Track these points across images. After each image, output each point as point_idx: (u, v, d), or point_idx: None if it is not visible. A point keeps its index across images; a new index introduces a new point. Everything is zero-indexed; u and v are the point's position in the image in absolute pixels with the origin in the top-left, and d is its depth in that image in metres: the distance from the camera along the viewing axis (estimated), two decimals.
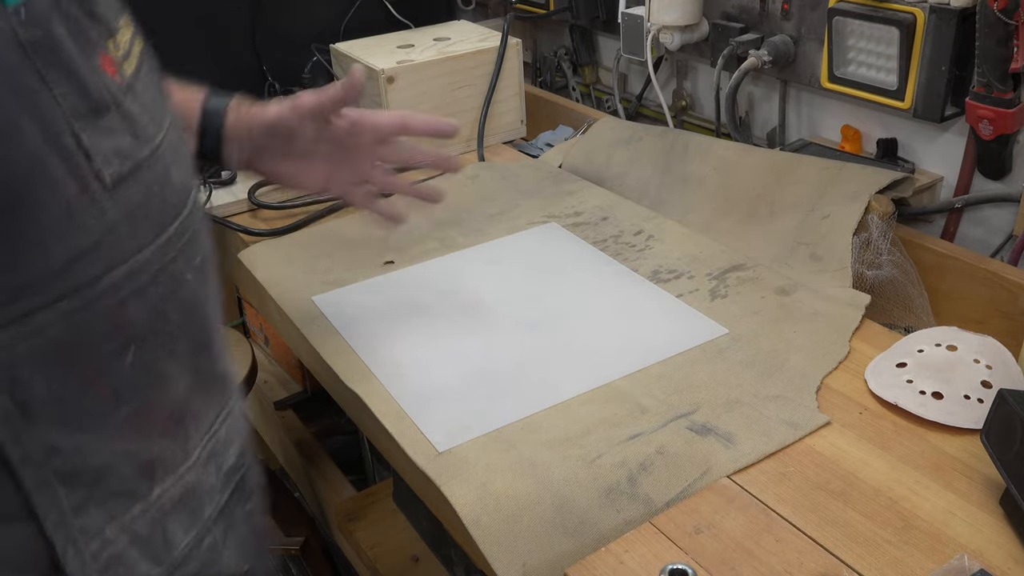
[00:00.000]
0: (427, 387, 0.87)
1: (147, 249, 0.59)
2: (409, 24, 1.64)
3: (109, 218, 0.55)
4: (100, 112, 0.54)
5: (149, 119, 0.60)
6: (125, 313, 0.58)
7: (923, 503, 0.71)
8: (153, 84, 0.64)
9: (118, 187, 0.55)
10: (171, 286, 0.61)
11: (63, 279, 0.54)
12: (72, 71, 0.53)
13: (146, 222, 0.59)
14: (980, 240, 1.12)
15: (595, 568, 0.67)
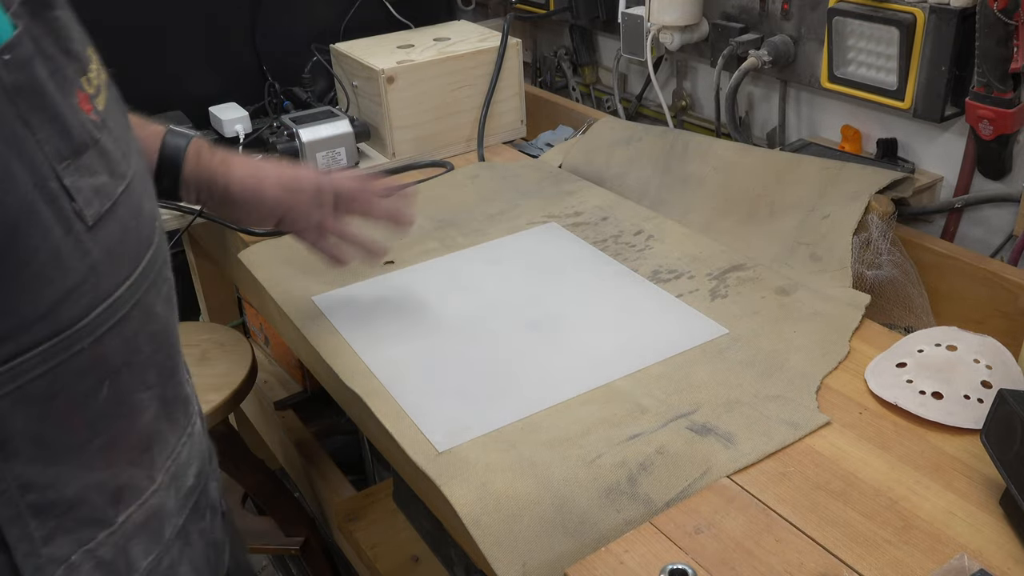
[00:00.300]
0: (427, 387, 0.87)
1: (124, 284, 0.58)
2: (409, 24, 1.64)
3: (92, 258, 0.55)
4: (80, 152, 0.53)
5: (121, 153, 0.59)
6: (102, 349, 0.57)
7: (923, 503, 0.71)
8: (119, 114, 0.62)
9: (98, 225, 0.55)
10: (143, 319, 0.61)
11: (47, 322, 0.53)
12: (55, 114, 0.52)
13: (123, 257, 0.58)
14: (980, 240, 1.12)
15: (595, 568, 0.67)
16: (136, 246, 0.60)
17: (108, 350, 0.58)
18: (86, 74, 0.56)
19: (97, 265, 0.55)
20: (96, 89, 0.57)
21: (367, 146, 1.43)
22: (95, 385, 0.58)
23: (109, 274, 0.57)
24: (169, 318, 0.66)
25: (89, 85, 0.56)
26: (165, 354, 0.66)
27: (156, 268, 0.63)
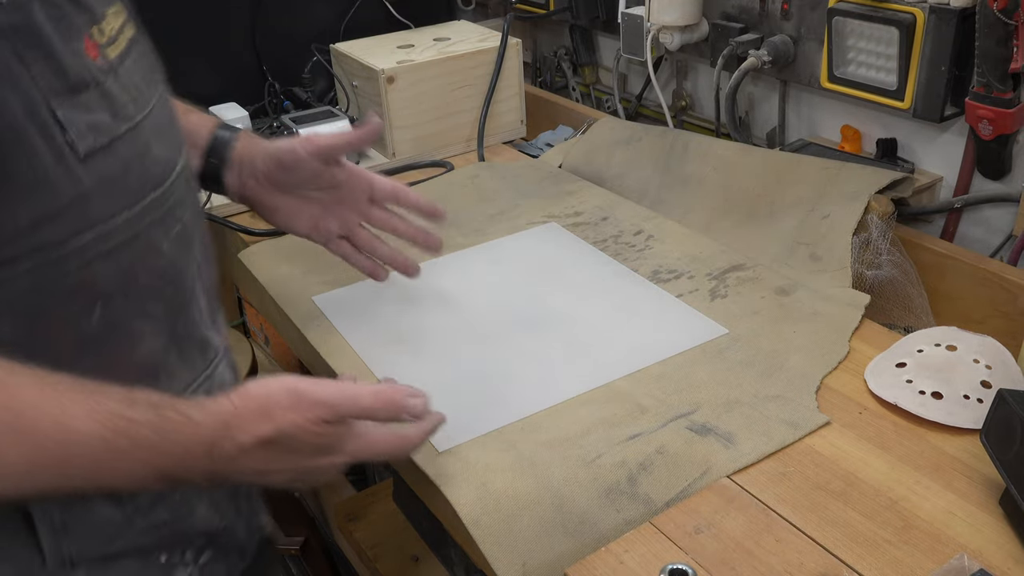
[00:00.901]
0: (427, 387, 0.87)
1: (119, 216, 0.62)
2: (409, 24, 1.64)
3: (83, 186, 0.59)
4: (78, 90, 0.59)
5: (130, 99, 0.64)
6: (92, 273, 0.61)
7: (923, 503, 0.71)
8: (142, 67, 0.68)
9: (92, 158, 0.59)
10: (144, 252, 0.65)
11: (30, 238, 0.58)
12: (50, 53, 0.57)
13: (121, 191, 0.62)
14: (980, 240, 1.12)
15: (595, 568, 0.67)
16: (139, 184, 0.64)
17: (99, 275, 0.62)
18: (97, 24, 0.62)
19: (89, 194, 0.60)
20: (109, 39, 0.63)
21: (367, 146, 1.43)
22: (86, 307, 0.62)
23: (102, 204, 0.61)
24: (180, 257, 0.69)
25: (100, 35, 0.62)
26: (174, 290, 0.68)
27: (165, 208, 0.67)
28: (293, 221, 0.94)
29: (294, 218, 0.93)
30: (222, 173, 0.90)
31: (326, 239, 0.94)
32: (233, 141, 0.90)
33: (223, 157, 0.90)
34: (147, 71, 0.69)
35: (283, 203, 0.92)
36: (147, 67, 0.69)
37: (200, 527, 0.73)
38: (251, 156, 0.90)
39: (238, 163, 0.90)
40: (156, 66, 0.72)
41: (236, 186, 0.91)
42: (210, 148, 0.90)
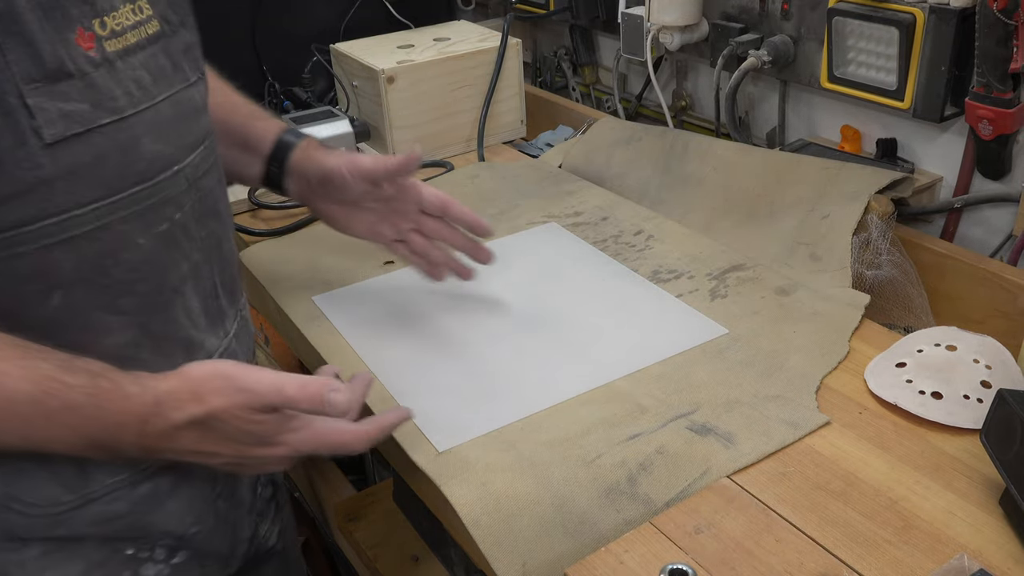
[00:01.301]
0: (427, 387, 0.87)
1: (87, 206, 0.63)
2: (409, 24, 1.64)
3: (45, 172, 0.60)
4: (56, 79, 0.59)
5: (123, 92, 0.64)
6: (51, 260, 0.62)
7: (923, 503, 0.71)
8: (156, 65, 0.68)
9: (59, 145, 0.60)
10: (114, 245, 0.65)
11: None
12: (29, 40, 0.58)
13: (91, 181, 0.63)
14: (980, 240, 1.12)
15: (595, 568, 0.67)
16: (116, 176, 0.64)
17: (60, 261, 0.62)
18: (99, 17, 0.62)
19: (52, 180, 0.60)
20: (111, 32, 0.63)
21: (367, 146, 1.43)
22: (43, 292, 0.63)
23: (66, 191, 0.61)
24: (164, 256, 0.69)
25: (102, 28, 0.62)
26: (151, 288, 0.68)
27: (149, 204, 0.67)
28: (350, 227, 0.96)
29: (351, 224, 0.96)
30: (283, 180, 0.94)
31: (385, 243, 0.97)
32: (293, 149, 0.93)
33: (283, 165, 0.93)
34: (163, 68, 0.69)
35: (339, 212, 0.95)
36: (165, 64, 0.69)
37: (166, 526, 0.73)
38: (305, 167, 0.93)
39: (295, 172, 0.93)
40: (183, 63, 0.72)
41: (295, 192, 0.95)
42: (272, 155, 0.93)
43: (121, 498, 0.70)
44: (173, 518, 0.73)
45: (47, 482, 0.66)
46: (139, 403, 0.64)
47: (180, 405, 0.65)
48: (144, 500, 0.71)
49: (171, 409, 0.64)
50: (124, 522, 0.70)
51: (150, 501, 0.71)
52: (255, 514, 0.83)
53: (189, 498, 0.74)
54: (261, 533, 0.84)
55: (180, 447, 0.66)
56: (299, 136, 0.95)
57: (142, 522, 0.71)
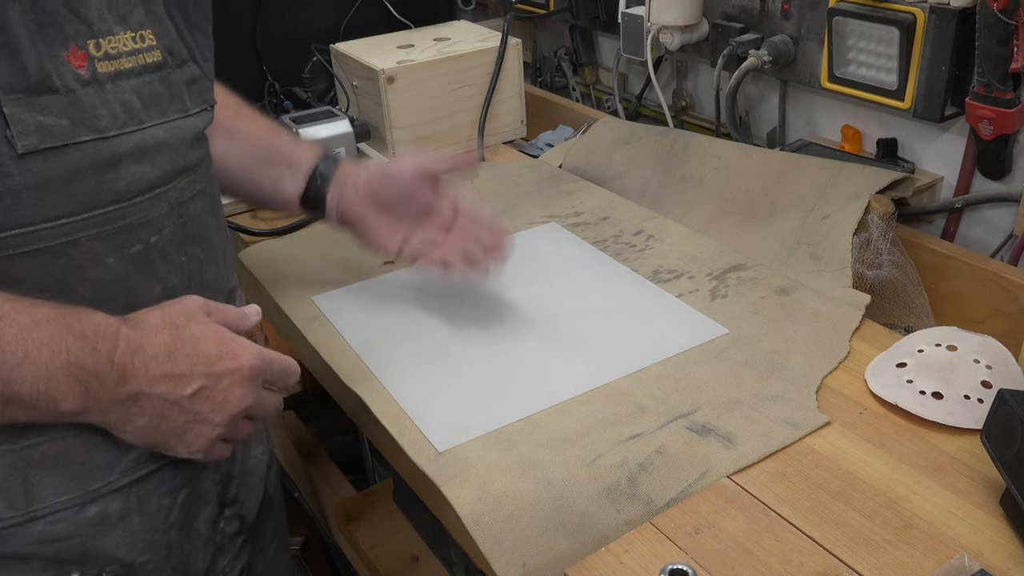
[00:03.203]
0: (427, 387, 0.87)
1: (55, 221, 0.63)
2: (409, 24, 1.64)
3: (13, 182, 0.60)
4: (38, 92, 0.60)
5: (108, 113, 0.64)
6: (14, 271, 0.62)
7: (923, 503, 0.71)
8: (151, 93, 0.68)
9: (32, 157, 0.60)
10: (81, 262, 0.65)
11: None
12: (15, 51, 0.59)
13: (61, 197, 0.63)
14: (980, 240, 1.12)
15: (595, 568, 0.67)
16: (90, 194, 0.64)
17: (21, 273, 0.63)
18: (95, 38, 0.63)
19: (20, 191, 0.60)
20: (107, 55, 0.64)
21: (367, 146, 1.43)
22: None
23: (35, 203, 0.61)
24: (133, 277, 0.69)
25: (96, 49, 0.63)
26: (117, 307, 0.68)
27: (120, 224, 0.67)
28: (385, 238, 0.96)
29: (387, 235, 0.96)
30: (325, 192, 0.95)
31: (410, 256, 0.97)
32: (338, 163, 0.97)
33: (327, 178, 0.95)
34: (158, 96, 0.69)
35: (379, 220, 0.96)
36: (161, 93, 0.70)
37: (115, 553, 0.71)
38: (356, 174, 0.96)
39: (342, 182, 0.95)
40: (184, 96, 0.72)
41: (336, 204, 0.96)
42: (315, 171, 0.95)
43: (67, 519, 0.68)
44: (122, 545, 0.71)
45: None
46: (104, 316, 0.64)
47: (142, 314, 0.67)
48: (91, 523, 0.69)
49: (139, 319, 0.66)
50: (69, 544, 0.69)
51: (98, 525, 0.70)
52: (212, 548, 0.80)
53: (140, 526, 0.72)
54: (219, 568, 0.82)
55: (150, 368, 0.64)
56: (339, 158, 0.99)
57: (89, 546, 0.70)
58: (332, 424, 1.72)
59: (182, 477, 0.75)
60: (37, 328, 0.59)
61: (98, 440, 0.68)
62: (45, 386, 0.60)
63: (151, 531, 0.73)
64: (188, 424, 0.67)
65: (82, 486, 0.68)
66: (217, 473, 0.80)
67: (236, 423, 0.70)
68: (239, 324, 0.73)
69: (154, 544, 0.74)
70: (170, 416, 0.66)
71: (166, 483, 0.74)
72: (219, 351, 0.68)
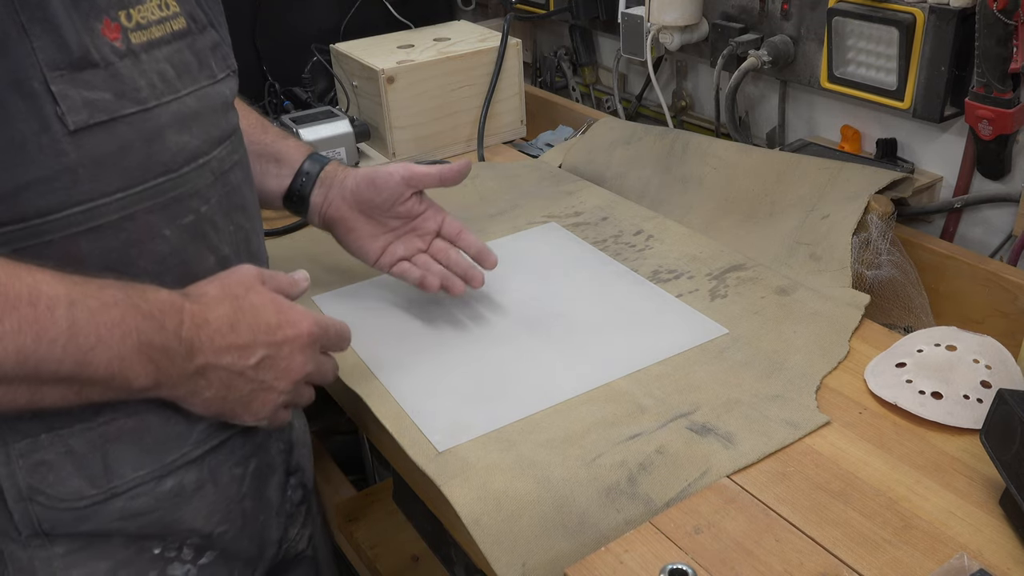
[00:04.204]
0: (427, 387, 0.87)
1: (112, 196, 0.63)
2: (409, 24, 1.64)
3: (69, 159, 0.60)
4: (81, 67, 0.60)
5: (147, 83, 0.64)
6: (77, 249, 0.62)
7: (923, 503, 0.71)
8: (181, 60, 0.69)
9: (83, 133, 0.60)
10: (140, 235, 0.66)
11: (9, 204, 0.59)
12: (56, 27, 0.58)
13: (115, 171, 0.63)
14: (979, 240, 1.12)
15: (595, 568, 0.67)
16: (140, 166, 0.65)
17: (85, 251, 0.63)
18: (126, 8, 0.63)
19: (76, 168, 0.61)
20: (137, 24, 0.64)
21: (367, 146, 1.43)
22: None
23: (91, 179, 0.62)
24: (188, 248, 0.70)
25: (128, 20, 0.63)
26: (176, 280, 0.69)
27: (173, 195, 0.68)
28: (366, 244, 0.97)
29: (368, 241, 0.97)
30: (310, 192, 0.96)
31: (390, 264, 0.98)
32: (325, 164, 0.97)
33: (314, 176, 0.96)
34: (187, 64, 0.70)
35: (361, 225, 0.97)
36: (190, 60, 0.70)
37: (193, 525, 0.73)
38: (343, 176, 0.96)
39: (328, 182, 0.96)
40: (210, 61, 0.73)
41: (320, 204, 0.96)
42: (301, 169, 0.96)
43: (145, 493, 0.69)
44: (200, 516, 0.73)
45: (71, 475, 0.66)
46: (168, 293, 0.65)
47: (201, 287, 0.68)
48: (169, 496, 0.71)
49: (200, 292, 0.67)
50: (149, 519, 0.70)
51: (175, 498, 0.71)
52: (284, 516, 0.83)
53: (215, 496, 0.74)
54: (291, 536, 0.85)
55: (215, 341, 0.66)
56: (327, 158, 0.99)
57: (168, 519, 0.71)
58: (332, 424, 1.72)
59: (251, 446, 0.77)
60: (107, 311, 0.59)
61: (170, 413, 0.69)
62: (119, 367, 0.61)
63: (226, 501, 0.75)
64: (254, 392, 0.69)
65: (158, 459, 0.70)
66: (281, 441, 0.83)
67: (299, 389, 0.73)
68: (291, 290, 0.76)
69: (230, 514, 0.76)
70: (236, 386, 0.68)
71: (236, 452, 0.75)
72: (278, 319, 0.70)
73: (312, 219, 0.98)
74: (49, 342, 0.56)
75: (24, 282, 0.56)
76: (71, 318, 0.57)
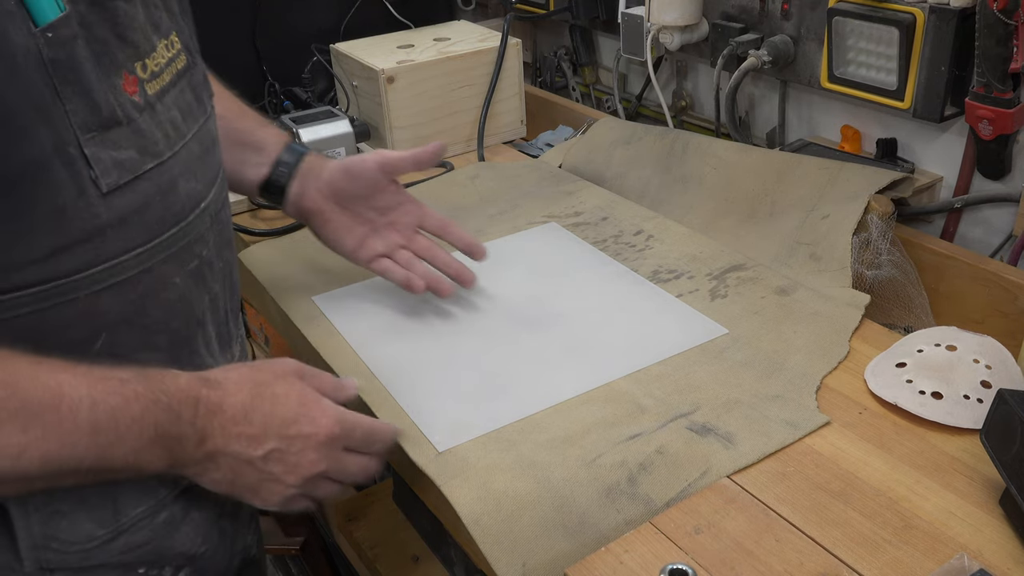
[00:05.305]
0: (427, 387, 0.87)
1: (134, 251, 0.63)
2: (409, 24, 1.64)
3: (101, 220, 0.60)
4: (109, 127, 0.59)
5: (163, 135, 0.64)
6: (99, 304, 0.62)
7: (923, 503, 0.71)
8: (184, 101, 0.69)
9: (113, 194, 0.60)
10: (155, 286, 0.66)
11: (41, 268, 0.58)
12: (87, 89, 0.57)
13: (138, 227, 0.63)
14: (980, 240, 1.12)
15: (595, 568, 0.67)
16: (158, 219, 0.65)
17: (106, 306, 0.63)
18: (142, 60, 0.62)
19: (106, 228, 0.60)
20: (151, 74, 0.63)
21: (367, 146, 1.43)
22: (89, 336, 0.63)
23: (117, 238, 0.62)
24: (192, 291, 0.70)
25: (143, 70, 0.63)
26: (181, 323, 0.69)
27: (183, 243, 0.68)
28: (343, 236, 0.96)
29: (344, 233, 0.96)
30: (287, 182, 0.94)
31: (368, 258, 0.96)
32: (304, 154, 0.95)
33: (292, 167, 0.94)
34: (189, 104, 0.70)
35: (337, 217, 0.95)
36: (191, 100, 0.70)
37: (180, 548, 0.73)
38: (319, 167, 0.95)
39: (305, 173, 0.94)
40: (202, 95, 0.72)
41: (297, 195, 0.95)
42: (279, 159, 0.94)
43: (145, 527, 0.70)
44: (187, 541, 0.74)
45: (83, 520, 0.67)
46: (187, 381, 0.65)
47: (226, 371, 0.68)
48: (163, 527, 0.71)
49: (222, 378, 0.67)
50: (145, 549, 0.71)
51: (167, 527, 0.72)
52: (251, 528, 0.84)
53: (199, 520, 0.74)
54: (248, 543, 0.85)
55: (227, 428, 0.66)
56: (305, 148, 0.97)
57: (160, 547, 0.72)
58: None
59: None
60: (128, 407, 0.60)
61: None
62: (135, 458, 0.62)
63: (207, 523, 0.75)
64: (261, 482, 0.69)
65: (154, 495, 0.70)
66: None
67: (313, 484, 0.72)
68: (335, 393, 0.74)
69: (210, 534, 0.76)
70: (244, 473, 0.68)
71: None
72: (296, 413, 0.69)
73: (288, 210, 0.97)
74: (72, 445, 0.58)
75: (47, 386, 0.57)
76: (93, 420, 0.58)
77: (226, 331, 0.78)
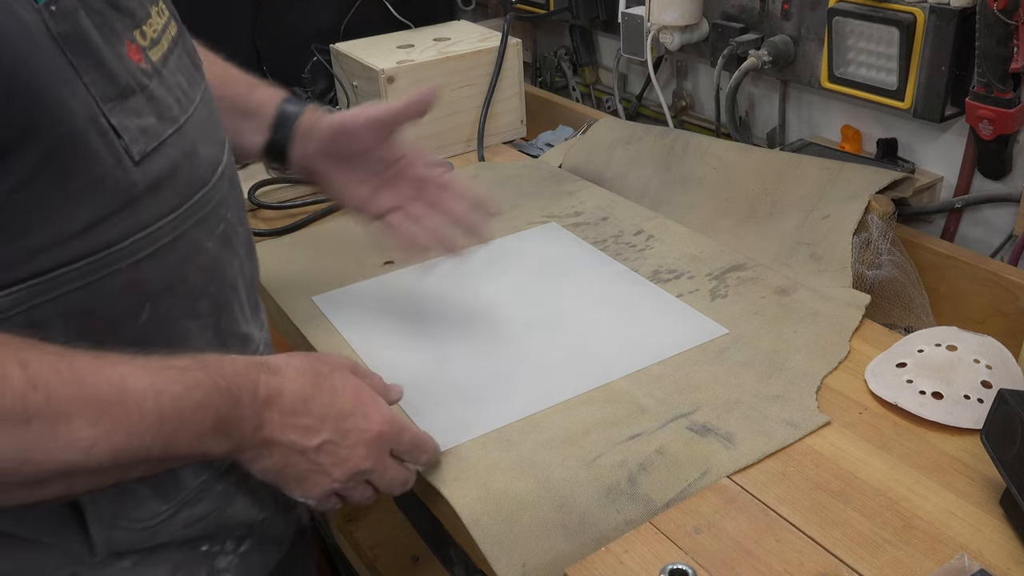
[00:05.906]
0: (427, 387, 0.87)
1: (167, 217, 0.64)
2: (409, 24, 1.64)
3: (136, 189, 0.60)
4: (126, 95, 0.59)
5: (174, 100, 0.65)
6: (141, 274, 0.62)
7: (923, 503, 0.71)
8: (184, 66, 0.69)
9: (144, 161, 0.60)
10: (189, 251, 0.66)
11: (83, 240, 0.59)
12: (100, 60, 0.58)
13: (169, 193, 0.64)
14: (980, 240, 1.12)
15: (595, 568, 0.67)
16: (186, 184, 0.65)
17: (148, 275, 0.63)
18: (139, 27, 0.62)
19: (140, 196, 0.61)
20: (151, 41, 0.64)
21: None
22: (135, 306, 0.64)
23: (150, 206, 0.62)
24: (222, 255, 0.71)
25: (143, 37, 0.63)
26: (217, 287, 0.70)
27: (210, 207, 0.68)
28: (352, 190, 0.93)
29: (349, 190, 0.93)
30: (288, 145, 0.91)
31: (377, 212, 0.93)
32: (300, 113, 0.91)
33: (290, 129, 0.91)
34: (190, 69, 0.70)
35: (340, 175, 0.93)
36: (189, 65, 0.70)
37: (240, 518, 0.75)
38: (315, 126, 0.91)
39: (303, 135, 0.91)
40: (196, 59, 0.72)
41: (299, 157, 0.92)
42: (277, 121, 0.91)
43: (205, 498, 0.71)
44: (245, 509, 0.75)
45: (148, 497, 0.68)
46: (245, 366, 0.65)
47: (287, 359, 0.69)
48: (221, 497, 0.72)
49: (282, 364, 0.67)
50: (207, 521, 0.72)
51: (225, 497, 0.73)
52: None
53: (256, 489, 0.75)
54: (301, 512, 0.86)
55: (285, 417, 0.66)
56: (302, 102, 0.93)
57: (220, 518, 0.73)
58: None
59: None
60: (190, 394, 0.60)
61: None
62: (199, 444, 0.62)
63: (265, 490, 0.75)
64: (308, 472, 0.69)
65: (210, 465, 0.71)
66: None
67: (355, 483, 0.71)
68: (384, 394, 0.75)
69: (267, 502, 0.77)
70: (294, 462, 0.68)
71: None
72: (353, 407, 0.70)
73: (293, 172, 0.95)
74: (140, 436, 0.58)
75: (111, 380, 0.57)
76: (158, 410, 0.59)
77: (254, 297, 0.79)
